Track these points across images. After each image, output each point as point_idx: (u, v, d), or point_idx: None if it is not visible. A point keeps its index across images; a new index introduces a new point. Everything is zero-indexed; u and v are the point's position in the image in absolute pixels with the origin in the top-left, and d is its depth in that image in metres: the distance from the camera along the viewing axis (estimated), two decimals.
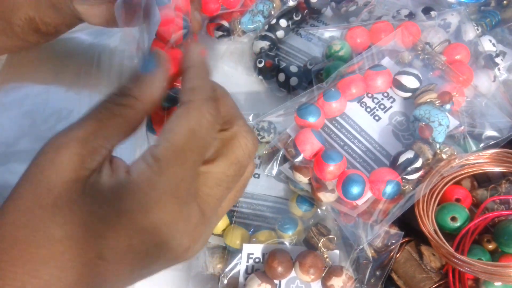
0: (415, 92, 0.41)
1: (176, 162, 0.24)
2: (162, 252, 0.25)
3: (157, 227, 0.24)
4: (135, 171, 0.24)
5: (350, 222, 0.38)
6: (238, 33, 0.54)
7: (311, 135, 0.39)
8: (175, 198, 0.24)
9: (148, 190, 0.24)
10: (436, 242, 0.36)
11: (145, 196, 0.24)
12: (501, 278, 0.34)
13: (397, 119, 0.42)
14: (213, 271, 0.40)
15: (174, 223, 0.24)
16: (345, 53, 0.47)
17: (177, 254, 0.25)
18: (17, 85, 0.52)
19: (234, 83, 0.53)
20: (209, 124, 0.25)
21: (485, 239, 0.37)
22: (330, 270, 0.37)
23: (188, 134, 0.24)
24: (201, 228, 0.26)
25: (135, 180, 0.24)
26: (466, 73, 0.42)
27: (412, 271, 0.38)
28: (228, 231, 0.40)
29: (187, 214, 0.25)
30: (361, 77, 0.43)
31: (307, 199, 0.41)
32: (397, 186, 0.37)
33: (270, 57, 0.52)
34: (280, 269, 0.37)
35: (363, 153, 0.41)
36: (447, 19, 0.48)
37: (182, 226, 0.25)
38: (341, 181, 0.37)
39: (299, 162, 0.39)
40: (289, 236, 0.39)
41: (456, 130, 0.40)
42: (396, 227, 0.38)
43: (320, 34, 0.52)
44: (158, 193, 0.24)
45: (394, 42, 0.45)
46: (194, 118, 0.25)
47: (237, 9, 0.55)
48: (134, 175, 0.24)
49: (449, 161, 0.38)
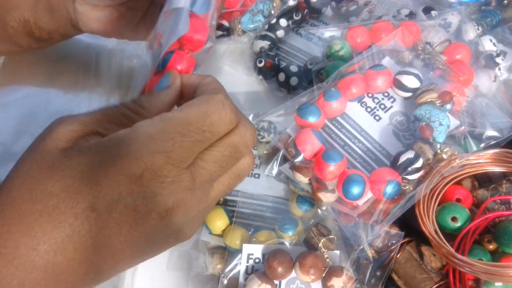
0: (415, 92, 0.41)
1: (178, 130, 0.26)
2: (148, 208, 0.25)
3: (145, 177, 0.25)
4: (140, 124, 0.26)
5: (350, 222, 0.38)
6: (238, 32, 0.54)
7: (311, 135, 0.39)
8: (168, 158, 0.25)
9: (146, 141, 0.25)
10: (436, 242, 0.36)
11: (142, 146, 0.25)
12: (501, 279, 0.34)
13: (397, 119, 0.42)
14: (213, 271, 0.40)
15: (161, 179, 0.25)
16: (346, 52, 0.47)
17: (161, 212, 0.26)
18: (16, 86, 0.52)
19: (234, 83, 0.53)
20: (227, 118, 0.27)
21: (485, 239, 0.37)
22: (330, 270, 0.37)
23: (201, 116, 0.26)
24: (188, 194, 0.26)
25: (136, 131, 0.26)
26: (467, 73, 0.42)
27: (413, 271, 0.38)
28: (228, 231, 0.40)
29: (175, 176, 0.26)
30: (361, 77, 0.42)
31: (307, 199, 0.41)
32: (397, 186, 0.37)
33: (270, 57, 0.52)
34: (280, 269, 0.37)
35: (364, 153, 0.41)
36: (447, 18, 0.48)
37: (169, 184, 0.25)
38: (341, 181, 0.37)
39: (299, 162, 0.39)
40: (289, 236, 0.39)
41: (457, 130, 0.40)
42: (396, 227, 0.38)
43: (320, 33, 0.52)
44: (153, 147, 0.25)
45: (394, 41, 0.45)
46: (214, 106, 0.27)
47: (237, 9, 0.55)
48: (137, 127, 0.26)
49: (449, 161, 0.38)
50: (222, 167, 0.28)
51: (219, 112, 0.27)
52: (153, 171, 0.25)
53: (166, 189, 0.25)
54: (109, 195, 0.24)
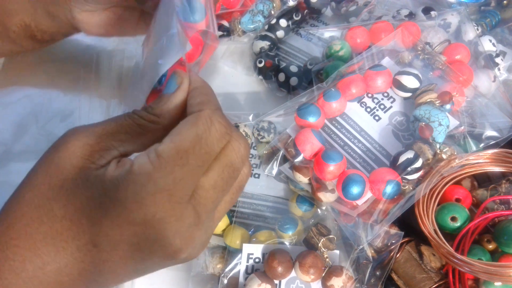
0: (415, 92, 0.41)
1: (177, 162, 0.25)
2: (154, 248, 0.25)
3: (148, 220, 0.24)
4: (136, 163, 0.25)
5: (350, 222, 0.38)
6: (238, 33, 0.54)
7: (311, 135, 0.39)
8: (170, 196, 0.24)
9: (145, 183, 0.24)
10: (436, 242, 0.36)
11: (141, 188, 0.24)
12: (501, 278, 0.34)
13: (397, 119, 0.42)
14: (213, 271, 0.40)
15: (166, 219, 0.25)
16: (345, 53, 0.47)
17: (169, 253, 0.26)
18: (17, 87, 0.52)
19: (234, 83, 0.53)
20: (218, 133, 0.26)
21: (485, 239, 0.37)
22: (330, 270, 0.37)
23: (194, 139, 0.25)
24: (194, 230, 0.26)
25: (134, 172, 0.25)
26: (466, 73, 0.42)
27: (412, 271, 0.38)
28: (228, 231, 0.40)
29: (180, 213, 0.25)
30: (361, 77, 0.43)
31: (307, 199, 0.41)
32: (397, 186, 0.37)
33: (270, 57, 0.52)
34: (280, 269, 0.37)
35: (363, 153, 0.41)
36: (447, 19, 0.48)
37: (174, 224, 0.25)
38: (341, 181, 0.37)
39: (299, 162, 0.39)
40: (289, 236, 0.39)
41: (456, 130, 0.40)
42: (396, 227, 0.38)
43: (320, 34, 0.52)
44: (154, 188, 0.24)
45: (394, 42, 0.45)
46: (203, 125, 0.26)
47: (237, 9, 0.55)
48: (135, 167, 0.25)
49: (449, 161, 0.38)
50: (224, 190, 0.27)
51: (209, 130, 0.26)
52: (156, 213, 0.24)
53: (171, 230, 0.25)
54: (110, 236, 0.24)
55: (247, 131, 0.45)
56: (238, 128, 0.45)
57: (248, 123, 0.46)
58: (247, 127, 0.46)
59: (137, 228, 0.24)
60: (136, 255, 0.25)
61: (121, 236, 0.24)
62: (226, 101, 0.51)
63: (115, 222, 0.24)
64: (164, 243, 0.25)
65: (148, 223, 0.24)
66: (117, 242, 0.24)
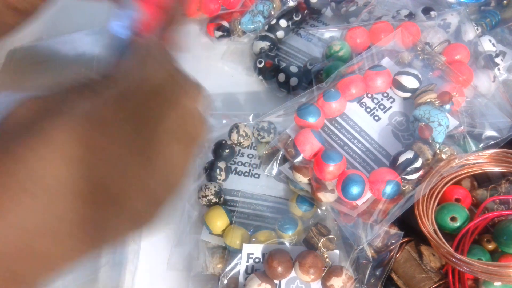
0: (414, 92, 0.41)
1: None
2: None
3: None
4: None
5: (350, 222, 0.38)
6: (238, 33, 0.54)
7: (311, 135, 0.39)
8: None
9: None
10: (436, 242, 0.36)
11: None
12: (501, 278, 0.34)
13: (396, 119, 0.42)
14: (213, 271, 0.40)
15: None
16: (345, 53, 0.47)
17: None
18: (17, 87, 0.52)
19: (234, 83, 0.53)
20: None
21: (485, 239, 0.37)
22: (330, 270, 0.37)
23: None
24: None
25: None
26: (466, 73, 0.42)
27: (412, 271, 0.38)
28: (228, 231, 0.40)
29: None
30: (360, 78, 0.43)
31: (307, 199, 0.41)
32: (396, 186, 0.37)
33: (270, 57, 0.52)
34: (280, 269, 0.37)
35: (363, 153, 0.41)
36: (447, 19, 0.48)
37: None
38: (341, 181, 0.37)
39: (299, 162, 0.39)
40: (289, 236, 0.39)
41: (456, 130, 0.40)
42: (396, 227, 0.38)
43: (320, 34, 0.52)
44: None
45: (394, 42, 0.45)
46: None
47: (237, 9, 0.55)
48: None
49: (448, 161, 0.38)
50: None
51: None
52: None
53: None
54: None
55: (247, 131, 0.45)
56: (238, 129, 0.45)
57: (248, 123, 0.47)
58: (247, 127, 0.46)
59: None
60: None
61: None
62: (226, 101, 0.51)
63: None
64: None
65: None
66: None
